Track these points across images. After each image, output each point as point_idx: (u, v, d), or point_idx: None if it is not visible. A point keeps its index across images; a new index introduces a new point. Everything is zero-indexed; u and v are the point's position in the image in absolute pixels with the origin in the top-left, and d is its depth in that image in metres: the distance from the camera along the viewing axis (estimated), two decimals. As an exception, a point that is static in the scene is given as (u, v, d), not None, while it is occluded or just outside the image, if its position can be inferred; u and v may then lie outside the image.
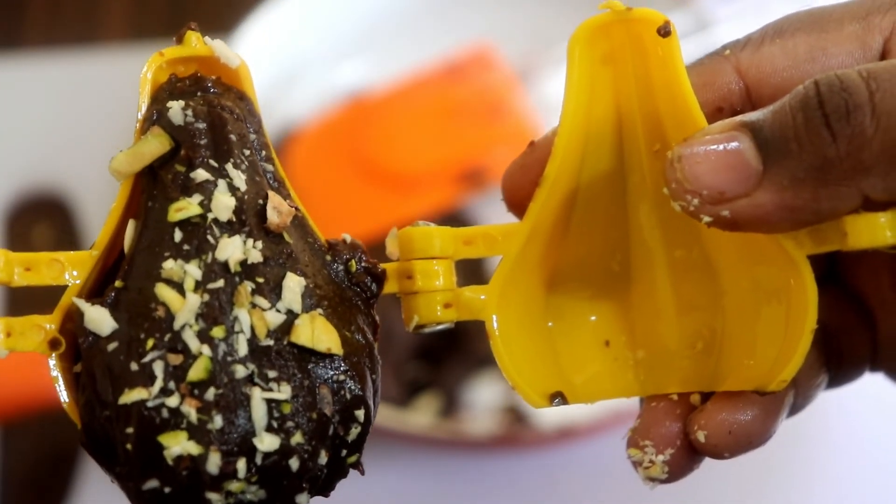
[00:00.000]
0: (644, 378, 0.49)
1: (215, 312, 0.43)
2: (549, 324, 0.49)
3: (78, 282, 0.46)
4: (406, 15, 1.04)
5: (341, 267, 0.46)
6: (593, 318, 0.50)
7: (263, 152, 0.47)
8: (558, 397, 0.48)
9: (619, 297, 0.50)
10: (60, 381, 0.45)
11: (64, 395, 0.45)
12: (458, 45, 1.00)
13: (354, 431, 0.44)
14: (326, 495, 0.45)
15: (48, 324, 0.45)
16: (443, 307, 0.47)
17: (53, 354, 0.45)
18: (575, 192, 0.48)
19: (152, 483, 0.43)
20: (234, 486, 0.43)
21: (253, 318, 0.43)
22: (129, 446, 0.43)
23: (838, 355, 0.49)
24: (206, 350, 0.43)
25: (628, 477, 0.94)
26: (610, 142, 0.48)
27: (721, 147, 0.43)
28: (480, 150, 0.96)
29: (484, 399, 0.90)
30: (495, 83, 0.99)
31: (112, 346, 0.43)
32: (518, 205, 0.48)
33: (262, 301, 0.44)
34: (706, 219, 0.43)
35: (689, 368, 0.49)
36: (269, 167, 0.47)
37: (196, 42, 0.47)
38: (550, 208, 0.47)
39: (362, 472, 0.46)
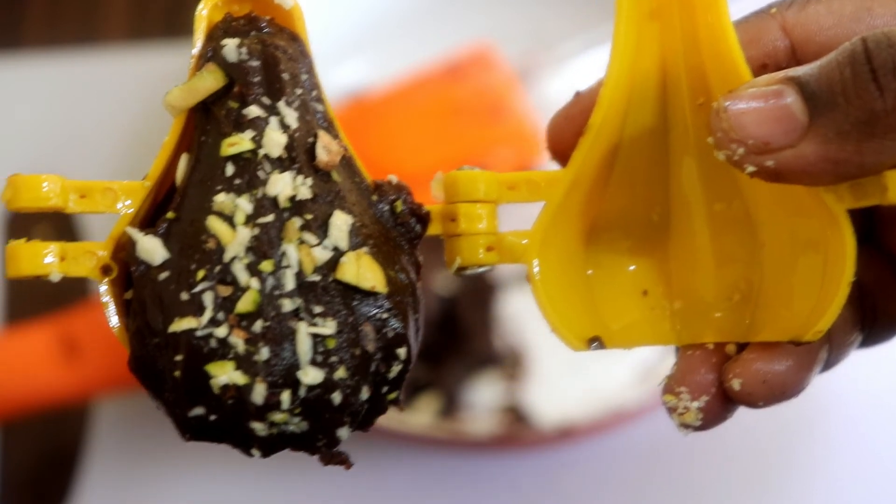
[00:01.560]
0: (680, 328, 0.50)
1: (264, 246, 0.44)
2: (589, 272, 0.50)
3: (130, 211, 0.47)
4: (406, 15, 1.04)
5: (386, 207, 0.47)
6: (632, 267, 0.50)
7: (314, 92, 0.47)
8: (596, 341, 0.49)
9: (658, 248, 0.50)
10: (111, 307, 0.46)
11: (114, 321, 0.46)
12: (458, 45, 1.00)
13: (395, 369, 0.45)
14: (365, 430, 0.46)
15: (100, 251, 0.46)
16: (485, 250, 0.48)
17: (105, 280, 0.46)
18: (618, 142, 0.48)
19: (198, 410, 0.44)
20: (277, 416, 0.44)
21: (301, 253, 0.44)
22: (177, 374, 0.44)
23: (872, 314, 0.50)
24: (254, 283, 0.44)
25: (628, 477, 0.94)
26: (654, 94, 0.48)
27: (768, 98, 0.44)
28: (481, 150, 0.96)
29: (484, 399, 0.90)
30: (495, 83, 0.99)
31: (163, 275, 0.44)
32: (561, 153, 0.49)
33: (309, 237, 0.45)
34: (750, 169, 0.44)
35: (726, 319, 0.49)
36: (320, 107, 0.47)
37: None
38: (593, 158, 0.48)
39: (401, 409, 0.47)
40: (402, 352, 0.45)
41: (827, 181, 0.44)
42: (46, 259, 0.45)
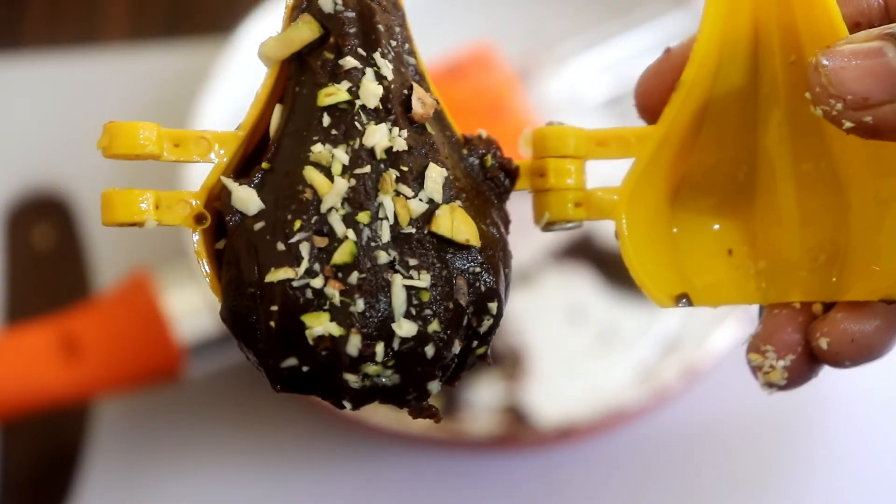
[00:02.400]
0: (766, 287, 0.49)
1: (361, 197, 0.44)
2: (674, 230, 0.50)
3: (225, 160, 0.46)
4: (406, 15, 1.04)
5: (476, 161, 0.47)
6: (716, 227, 0.50)
7: (406, 45, 0.47)
8: (684, 298, 0.48)
9: (743, 208, 0.50)
10: (203, 256, 0.45)
11: (206, 270, 0.45)
12: (458, 45, 1.00)
13: (486, 323, 0.45)
14: (452, 385, 0.46)
15: (194, 199, 0.45)
16: (574, 205, 0.47)
17: (198, 229, 0.45)
18: (707, 100, 0.48)
19: (291, 361, 0.43)
20: (370, 368, 0.43)
21: (396, 205, 0.44)
22: (272, 323, 0.43)
23: None
24: (351, 234, 0.43)
25: (628, 477, 0.94)
26: (745, 52, 0.48)
27: (867, 54, 0.43)
28: (480, 150, 0.96)
29: (484, 399, 0.90)
30: (496, 83, 0.99)
31: (258, 225, 0.44)
32: (649, 110, 0.49)
33: (405, 189, 0.44)
34: (847, 124, 0.43)
35: (811, 279, 0.49)
36: (412, 60, 0.47)
37: None
38: (684, 115, 0.47)
39: (489, 363, 0.46)
40: (493, 306, 0.45)
41: None
42: (142, 205, 0.45)
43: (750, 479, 0.91)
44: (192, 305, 0.87)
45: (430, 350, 0.44)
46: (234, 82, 0.98)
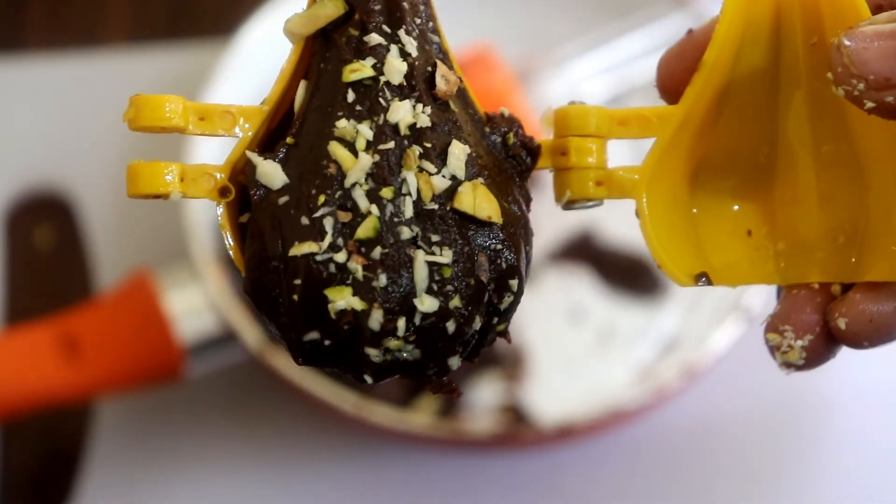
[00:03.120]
0: (785, 267, 0.49)
1: (385, 173, 0.44)
2: (694, 210, 0.50)
3: (249, 134, 0.46)
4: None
5: (499, 139, 0.48)
6: (736, 207, 0.50)
7: (430, 23, 0.48)
8: (704, 278, 0.48)
9: (763, 189, 0.50)
10: (227, 229, 0.45)
11: (230, 242, 0.45)
12: (458, 46, 1.00)
13: (507, 300, 0.45)
14: (472, 361, 0.46)
15: (218, 173, 0.45)
16: (595, 184, 0.47)
17: (222, 202, 0.45)
18: (729, 81, 0.48)
19: (313, 335, 0.43)
20: (392, 343, 0.44)
21: (420, 181, 0.44)
22: (294, 297, 0.43)
23: None
24: (374, 210, 0.44)
25: (628, 477, 0.94)
26: (767, 33, 0.48)
27: (890, 35, 0.43)
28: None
29: (484, 399, 0.90)
30: (496, 84, 0.99)
31: (283, 199, 0.44)
32: (671, 90, 0.49)
33: (428, 165, 0.45)
34: (869, 104, 0.43)
35: (830, 260, 0.49)
36: (435, 38, 0.48)
37: None
38: (705, 95, 0.48)
39: (509, 341, 0.46)
40: (514, 283, 0.45)
41: None
42: (167, 178, 0.45)
43: (750, 478, 0.91)
44: (192, 305, 0.87)
45: (451, 326, 0.44)
46: (235, 84, 0.98)
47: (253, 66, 1.01)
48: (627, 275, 0.93)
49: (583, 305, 0.93)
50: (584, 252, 0.95)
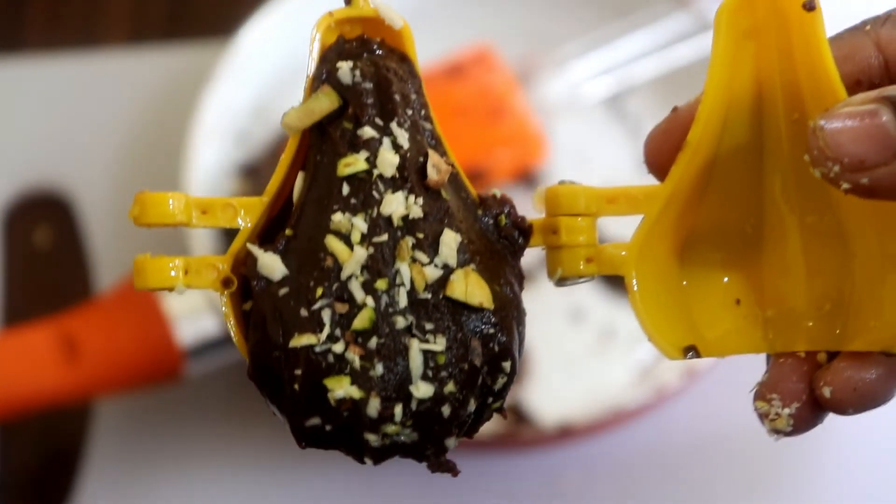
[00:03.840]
0: (773, 336, 0.51)
1: (379, 265, 0.46)
2: (684, 283, 0.51)
3: (250, 225, 0.48)
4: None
5: (491, 221, 0.49)
6: (725, 279, 0.52)
7: (423, 111, 0.49)
8: (692, 350, 0.50)
9: (751, 258, 0.52)
10: (231, 319, 0.48)
11: (233, 330, 0.48)
12: (458, 46, 1.00)
13: (501, 381, 0.47)
14: (471, 437, 0.48)
15: (221, 264, 0.48)
16: (585, 262, 0.49)
17: (225, 293, 0.48)
18: (714, 157, 0.50)
19: (315, 420, 0.46)
20: (390, 428, 0.46)
21: (413, 272, 0.46)
22: (296, 386, 0.45)
23: None
24: (369, 301, 0.46)
25: (628, 477, 0.94)
26: (750, 110, 0.50)
27: (863, 117, 0.45)
28: (481, 150, 0.96)
29: (483, 399, 0.90)
30: (496, 84, 0.99)
31: (283, 291, 0.46)
32: (659, 167, 0.50)
33: (421, 256, 0.47)
34: (845, 185, 0.45)
35: (817, 328, 0.50)
36: (428, 126, 0.49)
37: (363, 4, 0.49)
38: (691, 172, 0.49)
39: (504, 417, 0.49)
40: (507, 365, 0.47)
41: None
42: (172, 273, 0.47)
43: (750, 478, 0.91)
44: (192, 306, 0.88)
45: (446, 410, 0.46)
46: (234, 84, 0.98)
47: (252, 66, 1.01)
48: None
49: (583, 306, 0.94)
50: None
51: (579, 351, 0.93)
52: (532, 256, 0.69)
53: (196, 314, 0.87)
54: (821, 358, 0.50)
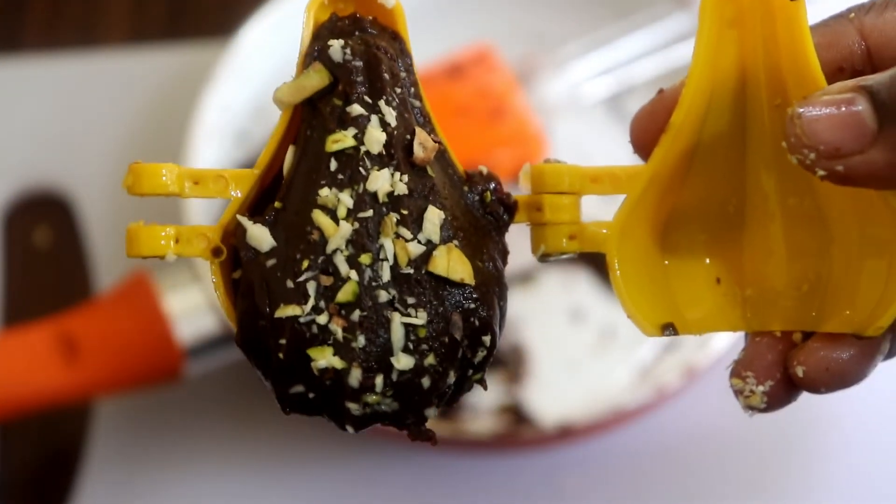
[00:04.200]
0: (751, 315, 0.52)
1: (363, 240, 0.48)
2: (666, 262, 0.53)
3: (240, 195, 0.50)
4: (406, 16, 1.04)
5: (477, 197, 0.51)
6: (707, 259, 0.53)
7: (412, 89, 0.51)
8: (669, 328, 0.52)
9: (733, 238, 0.53)
10: (220, 287, 0.50)
11: (220, 300, 0.50)
12: (458, 46, 1.00)
13: (480, 354, 0.49)
14: (451, 406, 0.50)
15: (211, 234, 0.49)
16: (568, 238, 0.51)
17: (215, 262, 0.49)
18: (697, 140, 0.51)
19: (298, 388, 0.47)
20: (371, 398, 0.47)
21: (396, 247, 0.48)
22: (280, 355, 0.47)
23: None
24: (353, 275, 0.47)
25: (628, 477, 0.94)
26: (733, 94, 0.51)
27: (840, 106, 0.46)
28: (482, 150, 0.96)
29: (484, 399, 0.91)
30: (497, 84, 0.99)
31: (270, 262, 0.48)
32: (643, 147, 0.52)
33: (405, 231, 0.48)
34: (820, 172, 0.46)
35: (794, 308, 0.52)
36: (417, 103, 0.51)
37: None
38: (673, 155, 0.51)
39: (485, 388, 0.50)
40: (487, 339, 0.49)
41: (893, 185, 0.47)
42: (163, 241, 0.49)
43: (750, 479, 0.91)
44: (192, 305, 0.88)
45: (426, 381, 0.48)
46: (234, 84, 0.99)
47: (252, 65, 1.01)
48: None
49: (583, 306, 0.94)
50: (585, 252, 0.94)
51: (579, 351, 0.93)
52: (532, 259, 0.69)
53: (195, 314, 0.87)
54: (796, 338, 0.51)
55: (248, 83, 0.98)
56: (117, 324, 0.87)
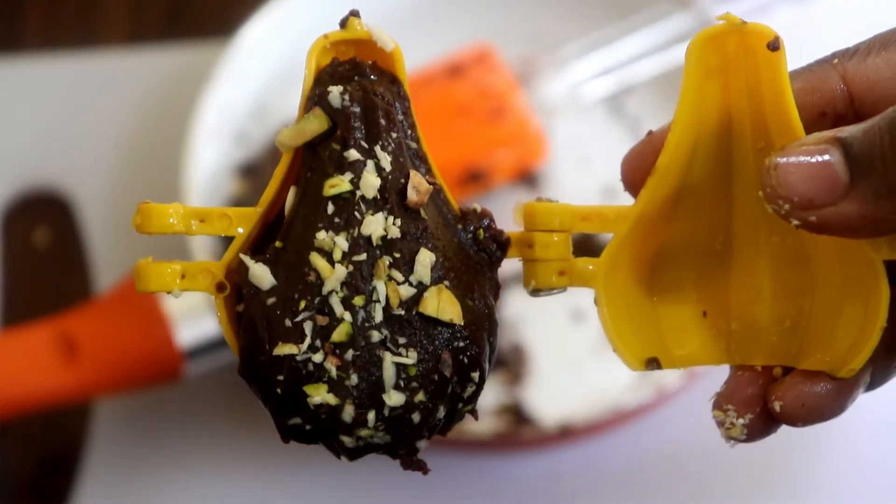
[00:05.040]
0: (734, 349, 0.55)
1: (357, 282, 0.51)
2: (654, 298, 0.55)
3: (242, 231, 0.53)
4: (406, 16, 1.05)
5: (470, 234, 0.53)
6: (694, 295, 0.55)
7: (409, 132, 0.53)
8: (654, 363, 0.54)
9: (720, 274, 0.55)
10: (224, 321, 0.53)
11: (226, 333, 0.53)
12: (458, 47, 1.01)
13: (470, 389, 0.52)
14: (444, 435, 0.53)
15: (216, 269, 0.53)
16: (558, 275, 0.53)
17: (219, 296, 0.53)
18: (684, 180, 0.54)
19: (296, 420, 0.51)
20: (363, 432, 0.50)
21: (388, 289, 0.51)
22: (279, 389, 0.50)
23: None
24: (347, 316, 0.50)
25: (628, 477, 0.94)
26: (719, 137, 0.53)
27: (814, 158, 0.48)
28: (481, 151, 0.97)
29: (484, 399, 0.91)
30: (497, 84, 0.99)
31: (271, 300, 0.51)
32: (633, 186, 0.54)
33: (397, 274, 0.51)
34: (795, 222, 0.48)
35: (776, 344, 0.54)
36: (413, 145, 0.53)
37: (357, 26, 0.53)
38: (659, 196, 0.53)
39: (476, 418, 0.53)
40: (475, 375, 0.51)
41: (865, 235, 0.49)
42: (170, 277, 0.52)
43: (750, 479, 0.91)
44: (191, 306, 0.88)
45: (416, 417, 0.51)
46: (233, 84, 0.99)
47: (252, 66, 1.01)
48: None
49: (583, 306, 0.94)
50: (585, 252, 0.94)
51: (580, 351, 0.94)
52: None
53: (196, 314, 0.88)
54: (776, 372, 0.53)
55: (247, 83, 0.99)
56: (117, 324, 0.87)
